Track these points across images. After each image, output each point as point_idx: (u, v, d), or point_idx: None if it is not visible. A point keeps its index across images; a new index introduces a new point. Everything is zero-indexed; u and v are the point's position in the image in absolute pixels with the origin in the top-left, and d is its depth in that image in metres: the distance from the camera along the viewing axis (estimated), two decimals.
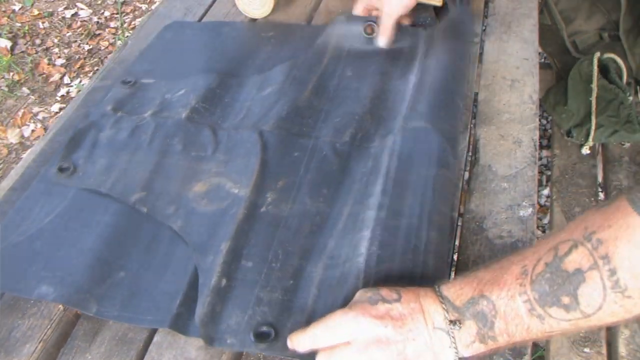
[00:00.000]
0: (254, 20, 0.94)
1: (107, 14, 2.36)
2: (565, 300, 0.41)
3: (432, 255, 0.54)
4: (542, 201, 1.42)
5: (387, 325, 0.45)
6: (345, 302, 0.50)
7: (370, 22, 0.82)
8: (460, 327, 0.45)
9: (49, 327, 0.56)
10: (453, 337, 0.45)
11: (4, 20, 2.29)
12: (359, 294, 0.49)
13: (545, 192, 1.42)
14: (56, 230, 0.62)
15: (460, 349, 0.45)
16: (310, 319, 0.51)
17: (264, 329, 0.51)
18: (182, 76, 0.81)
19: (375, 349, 0.45)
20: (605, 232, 0.40)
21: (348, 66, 0.79)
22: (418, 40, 0.81)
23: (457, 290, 0.46)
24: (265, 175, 0.64)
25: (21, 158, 1.50)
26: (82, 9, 2.39)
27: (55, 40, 2.23)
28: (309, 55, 0.81)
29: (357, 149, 0.67)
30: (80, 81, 2.05)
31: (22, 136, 1.86)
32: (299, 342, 0.48)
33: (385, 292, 0.48)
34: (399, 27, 0.80)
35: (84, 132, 0.74)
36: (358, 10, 0.84)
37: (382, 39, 0.80)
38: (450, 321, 0.45)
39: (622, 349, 0.81)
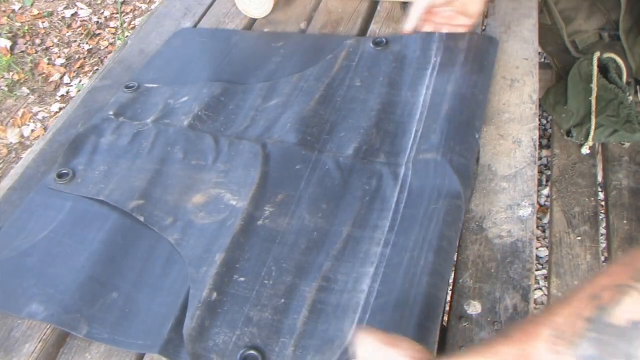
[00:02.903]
0: (253, 19, 0.94)
1: (107, 14, 2.36)
2: None
3: (428, 279, 0.53)
4: (542, 201, 1.42)
5: None
6: (337, 332, 0.50)
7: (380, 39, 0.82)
8: None
9: (48, 327, 0.56)
10: None
11: (4, 20, 2.29)
12: None
13: (545, 192, 1.42)
14: (50, 247, 0.61)
15: None
16: (298, 341, 0.51)
17: (251, 352, 0.50)
18: (187, 83, 0.80)
19: None
20: None
21: (357, 76, 0.77)
22: (430, 48, 0.78)
23: None
24: (265, 188, 0.63)
25: (21, 158, 1.50)
26: (82, 9, 2.39)
27: (55, 40, 2.23)
28: (318, 66, 0.80)
29: (360, 162, 0.65)
30: (80, 81, 2.05)
31: (22, 136, 1.86)
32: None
33: None
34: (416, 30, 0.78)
35: (85, 137, 0.73)
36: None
37: (407, 26, 0.77)
38: None
39: None
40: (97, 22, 2.32)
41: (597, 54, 1.08)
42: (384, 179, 0.63)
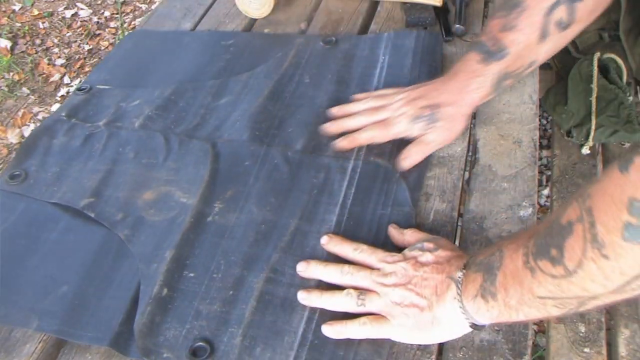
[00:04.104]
0: (253, 20, 0.94)
1: (107, 14, 2.36)
2: (554, 252, 0.41)
3: None
4: (542, 201, 1.42)
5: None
6: (285, 326, 0.51)
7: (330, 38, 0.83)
8: (463, 274, 0.49)
9: None
10: (459, 286, 0.48)
11: (4, 20, 2.29)
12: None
13: (545, 192, 1.42)
14: (2, 247, 0.61)
15: (464, 299, 0.48)
16: (245, 331, 0.51)
17: (200, 344, 0.51)
18: (139, 86, 0.80)
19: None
20: (594, 187, 0.41)
21: (306, 73, 0.78)
22: (378, 47, 0.80)
23: (487, 249, 0.50)
24: (215, 185, 0.64)
25: None
26: (82, 9, 2.39)
27: (55, 40, 2.24)
28: (267, 64, 0.81)
29: (308, 156, 0.66)
30: (80, 81, 2.06)
31: (22, 136, 1.87)
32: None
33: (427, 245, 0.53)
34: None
35: (37, 139, 0.73)
36: None
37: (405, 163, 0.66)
38: (460, 269, 0.49)
39: (622, 349, 0.81)
40: (97, 22, 2.32)
41: (597, 54, 1.08)
42: (331, 172, 0.64)
